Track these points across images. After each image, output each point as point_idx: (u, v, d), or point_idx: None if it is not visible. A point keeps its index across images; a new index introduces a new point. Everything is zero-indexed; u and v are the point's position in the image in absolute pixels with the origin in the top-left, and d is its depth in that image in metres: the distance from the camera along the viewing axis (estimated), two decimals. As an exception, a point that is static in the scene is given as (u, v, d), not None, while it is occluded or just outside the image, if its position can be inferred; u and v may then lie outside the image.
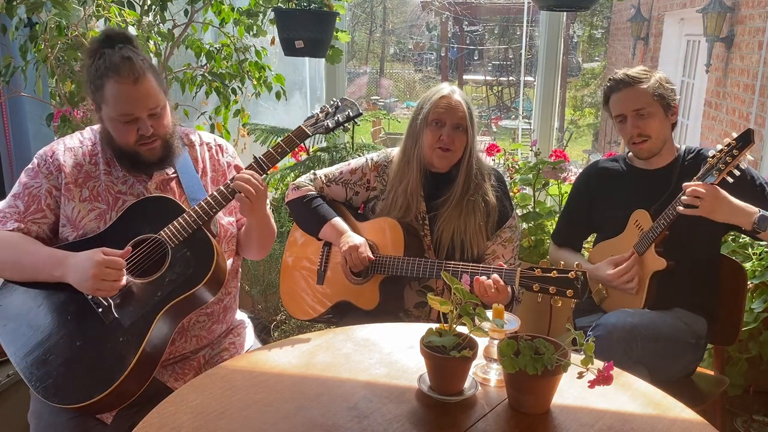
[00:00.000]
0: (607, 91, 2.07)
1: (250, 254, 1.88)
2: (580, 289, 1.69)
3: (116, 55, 1.59)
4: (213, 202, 1.66)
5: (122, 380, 1.50)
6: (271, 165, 1.73)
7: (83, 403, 1.49)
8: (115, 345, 1.54)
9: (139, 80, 1.59)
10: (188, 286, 1.59)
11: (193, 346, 1.77)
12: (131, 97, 1.59)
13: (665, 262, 1.93)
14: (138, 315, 1.56)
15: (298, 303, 2.21)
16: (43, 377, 1.53)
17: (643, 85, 1.99)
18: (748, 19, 4.86)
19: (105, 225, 1.66)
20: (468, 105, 2.01)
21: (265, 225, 1.81)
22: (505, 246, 2.06)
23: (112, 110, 1.61)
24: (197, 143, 1.83)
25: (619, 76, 2.03)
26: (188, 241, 1.62)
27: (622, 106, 2.02)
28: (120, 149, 1.67)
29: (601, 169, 2.19)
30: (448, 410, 1.33)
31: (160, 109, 1.65)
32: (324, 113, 1.83)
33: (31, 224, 1.66)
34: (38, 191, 1.67)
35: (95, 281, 1.51)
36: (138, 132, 1.62)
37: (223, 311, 1.82)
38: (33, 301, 1.62)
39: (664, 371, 1.88)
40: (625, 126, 2.03)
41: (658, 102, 1.99)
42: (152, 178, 1.72)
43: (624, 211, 2.07)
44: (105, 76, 1.58)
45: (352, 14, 12.03)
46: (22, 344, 1.58)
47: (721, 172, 1.82)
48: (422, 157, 2.03)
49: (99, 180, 1.70)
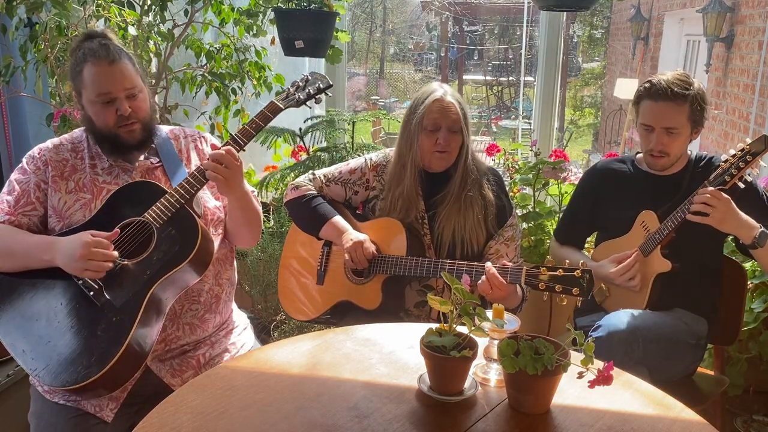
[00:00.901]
0: (643, 93, 1.99)
1: (240, 240, 1.90)
2: (585, 287, 1.69)
3: (94, 44, 1.70)
4: (193, 180, 1.70)
5: (118, 358, 1.51)
6: (246, 140, 1.77)
7: (82, 383, 1.50)
8: (109, 325, 1.56)
9: (115, 62, 1.68)
10: (175, 262, 1.62)
11: (187, 336, 1.78)
12: (107, 77, 1.67)
13: (670, 265, 1.92)
14: (129, 294, 1.59)
15: (298, 304, 2.21)
16: (40, 362, 1.54)
17: (683, 105, 1.92)
18: (748, 19, 4.86)
19: (90, 214, 1.70)
20: (461, 105, 2.01)
21: (247, 205, 1.81)
22: (508, 245, 2.06)
23: (91, 92, 1.68)
24: (181, 136, 1.90)
25: (662, 86, 1.93)
26: (172, 220, 1.66)
27: (654, 119, 1.96)
28: (100, 133, 1.73)
29: (608, 169, 2.18)
30: (448, 410, 1.33)
31: (137, 91, 1.72)
32: (295, 87, 1.88)
33: (22, 216, 1.71)
34: (27, 186, 1.73)
35: (83, 261, 1.54)
36: (117, 113, 1.69)
37: (215, 301, 1.83)
38: (26, 292, 1.65)
39: (665, 371, 1.88)
40: (650, 136, 1.99)
41: (690, 123, 1.96)
42: (137, 168, 1.77)
43: (630, 212, 2.06)
44: (83, 62, 1.68)
45: (352, 14, 12.02)
46: (17, 333, 1.60)
47: (733, 177, 1.81)
48: (418, 160, 2.04)
49: (84, 172, 1.75)
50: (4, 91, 2.57)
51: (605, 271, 2.01)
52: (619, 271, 1.98)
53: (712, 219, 1.82)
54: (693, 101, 1.94)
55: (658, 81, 1.95)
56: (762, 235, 1.82)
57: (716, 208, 1.80)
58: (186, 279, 1.68)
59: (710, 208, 1.80)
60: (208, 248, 1.71)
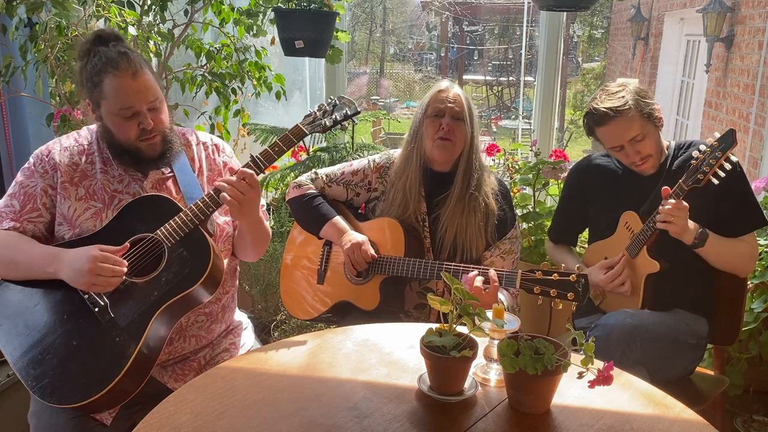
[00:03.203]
0: (592, 123, 1.99)
1: (244, 256, 1.87)
2: (581, 292, 1.69)
3: (112, 51, 1.61)
4: (209, 201, 1.65)
5: (119, 380, 1.50)
6: (268, 164, 1.70)
7: (80, 403, 1.49)
8: (112, 345, 1.54)
9: (138, 74, 1.60)
10: (185, 285, 1.58)
11: (192, 346, 1.77)
12: (131, 90, 1.60)
13: (658, 265, 1.93)
14: (134, 315, 1.56)
15: (299, 303, 2.21)
16: (39, 377, 1.52)
17: (629, 113, 1.92)
18: (748, 19, 4.86)
19: (101, 224, 1.66)
20: (466, 98, 2.03)
21: (257, 229, 1.77)
22: (504, 258, 2.05)
23: (113, 105, 1.61)
24: (194, 143, 1.83)
25: (601, 111, 1.94)
26: (185, 240, 1.62)
27: (615, 139, 1.97)
28: (120, 146, 1.67)
29: (594, 166, 2.17)
30: (448, 410, 1.33)
31: (159, 102, 1.66)
32: (322, 111, 1.79)
33: (27, 223, 1.66)
34: (34, 190, 1.67)
35: (91, 276, 1.51)
36: (139, 126, 1.63)
37: (221, 311, 1.82)
38: (29, 301, 1.62)
39: (665, 371, 1.88)
40: (624, 153, 1.99)
41: (647, 120, 1.96)
42: (148, 177, 1.72)
43: (614, 213, 2.06)
44: (103, 72, 1.59)
45: (352, 14, 12.02)
46: (18, 344, 1.57)
47: (706, 175, 1.83)
48: (422, 152, 2.04)
49: (95, 179, 1.70)
50: (4, 91, 2.57)
51: (595, 279, 2.01)
52: (608, 278, 1.98)
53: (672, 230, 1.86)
54: (635, 105, 1.93)
55: (596, 108, 1.95)
56: (700, 236, 1.88)
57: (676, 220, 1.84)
58: (195, 301, 1.64)
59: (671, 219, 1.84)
60: (219, 270, 1.66)
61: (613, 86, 2.00)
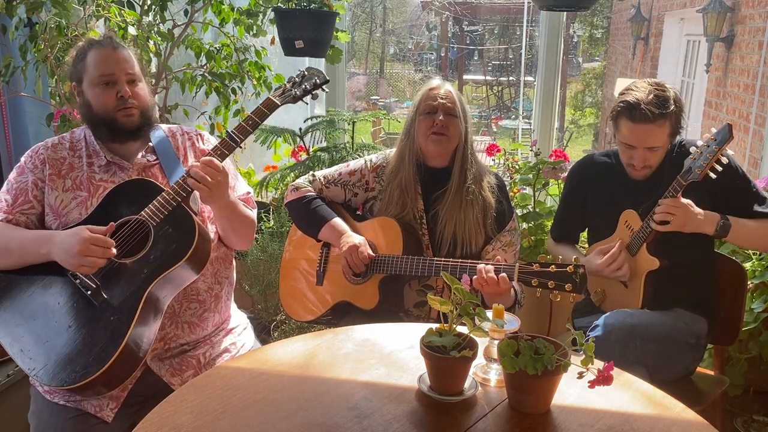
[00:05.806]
0: (621, 111, 1.91)
1: (230, 243, 1.90)
2: (578, 283, 1.69)
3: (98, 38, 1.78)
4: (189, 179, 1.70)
5: (116, 357, 1.51)
6: (243, 137, 1.77)
7: (80, 383, 1.50)
8: (107, 324, 1.56)
9: (118, 48, 1.75)
10: (173, 261, 1.62)
11: (186, 335, 1.78)
12: (111, 60, 1.72)
13: (658, 262, 1.93)
14: (126, 293, 1.59)
15: (298, 304, 2.21)
16: (38, 362, 1.54)
17: (664, 124, 1.87)
18: (748, 19, 4.86)
19: (86, 212, 1.70)
20: (458, 95, 2.05)
21: (231, 213, 1.81)
22: (506, 250, 2.06)
23: (93, 73, 1.71)
24: (178, 134, 1.90)
25: (640, 107, 1.84)
26: (169, 218, 1.66)
27: (635, 140, 1.91)
28: (98, 116, 1.74)
29: (594, 164, 2.17)
30: (448, 410, 1.33)
31: (138, 80, 1.76)
32: (291, 83, 1.88)
33: (20, 215, 1.72)
34: (25, 184, 1.74)
35: (80, 257, 1.54)
36: (117, 95, 1.71)
37: (215, 300, 1.83)
38: (23, 291, 1.65)
39: (664, 371, 1.88)
40: (630, 152, 1.96)
41: (672, 137, 1.95)
42: (133, 166, 1.78)
43: (614, 211, 2.06)
44: (87, 51, 1.74)
45: (352, 14, 12.02)
46: (16, 334, 1.59)
47: (703, 169, 1.83)
48: (416, 149, 2.05)
49: (81, 170, 1.76)
50: (4, 91, 2.57)
51: (592, 265, 2.00)
52: (605, 262, 1.97)
53: (673, 225, 1.87)
54: (672, 116, 1.89)
55: (635, 101, 1.86)
56: (722, 227, 1.89)
57: (676, 215, 1.86)
58: (184, 277, 1.68)
59: (670, 216, 1.86)
60: (206, 246, 1.70)
61: (665, 85, 1.92)
